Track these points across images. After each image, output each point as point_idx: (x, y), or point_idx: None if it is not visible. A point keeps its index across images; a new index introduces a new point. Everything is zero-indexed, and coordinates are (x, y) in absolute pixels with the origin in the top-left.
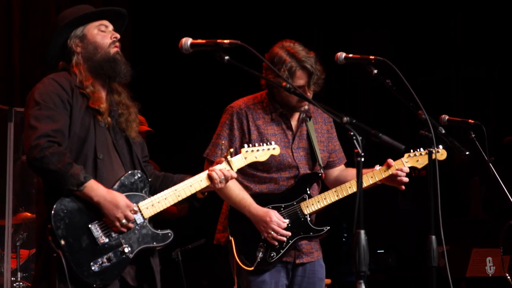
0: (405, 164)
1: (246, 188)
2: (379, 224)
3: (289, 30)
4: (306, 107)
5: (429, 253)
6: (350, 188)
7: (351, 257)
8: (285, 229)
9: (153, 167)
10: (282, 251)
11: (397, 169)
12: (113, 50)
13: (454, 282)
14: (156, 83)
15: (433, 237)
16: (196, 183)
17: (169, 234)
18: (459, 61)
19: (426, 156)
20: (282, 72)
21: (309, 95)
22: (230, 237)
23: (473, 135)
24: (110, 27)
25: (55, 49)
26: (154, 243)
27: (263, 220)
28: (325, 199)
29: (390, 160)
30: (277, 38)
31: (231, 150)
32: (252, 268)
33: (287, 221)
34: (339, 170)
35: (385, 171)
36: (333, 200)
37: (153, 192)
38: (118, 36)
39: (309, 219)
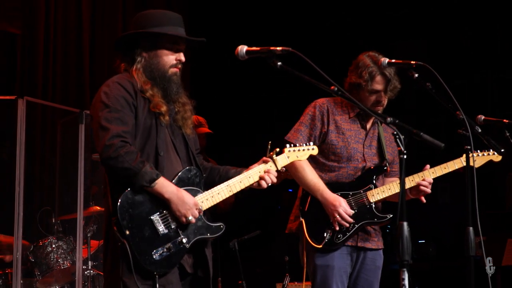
0: (463, 163)
1: (318, 176)
2: (420, 217)
3: (335, 41)
4: (380, 111)
5: (467, 244)
6: (413, 181)
7: (395, 247)
8: (352, 215)
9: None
10: (348, 234)
11: (422, 180)
12: (172, 70)
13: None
14: (213, 85)
15: (471, 228)
16: (246, 179)
17: (221, 226)
18: (495, 64)
19: (483, 157)
20: (364, 74)
21: (385, 100)
22: (301, 218)
23: (508, 134)
24: (182, 47)
25: (125, 41)
26: (208, 234)
27: (332, 204)
28: (389, 189)
29: (427, 166)
30: (321, 47)
31: (277, 149)
32: (321, 246)
33: (353, 211)
34: (391, 181)
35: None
36: (396, 190)
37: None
38: (183, 59)
39: (374, 206)
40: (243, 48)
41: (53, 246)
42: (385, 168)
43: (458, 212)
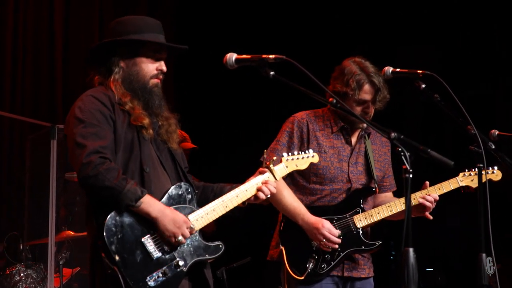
0: (460, 183)
1: (298, 199)
2: (427, 242)
3: (334, 45)
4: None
5: (480, 272)
6: (404, 204)
7: (399, 275)
8: (337, 239)
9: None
10: (332, 263)
11: (425, 196)
12: (153, 81)
13: None
14: (198, 98)
15: (484, 255)
16: (242, 193)
17: (220, 246)
18: (505, 73)
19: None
20: (351, 82)
21: (372, 111)
22: (281, 246)
23: None
24: (164, 55)
25: (101, 50)
26: (207, 255)
27: (315, 227)
28: (378, 213)
29: (427, 183)
30: (321, 53)
31: (274, 158)
32: (303, 278)
33: (339, 231)
34: (384, 196)
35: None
36: (386, 215)
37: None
38: (165, 69)
39: (361, 232)
40: (232, 56)
41: (22, 274)
42: (374, 189)
43: (469, 236)
